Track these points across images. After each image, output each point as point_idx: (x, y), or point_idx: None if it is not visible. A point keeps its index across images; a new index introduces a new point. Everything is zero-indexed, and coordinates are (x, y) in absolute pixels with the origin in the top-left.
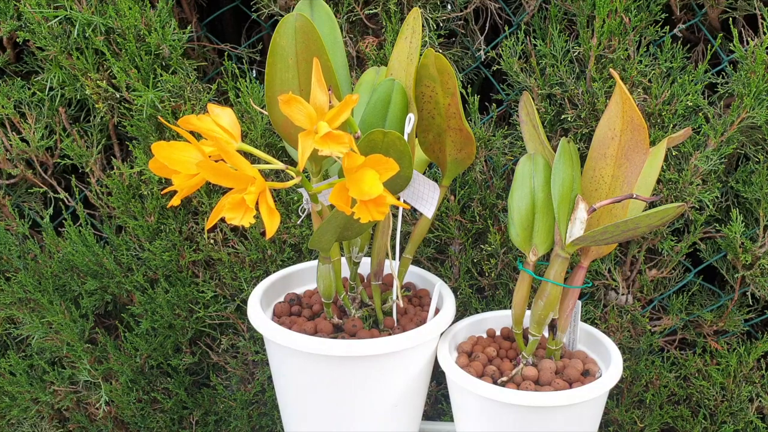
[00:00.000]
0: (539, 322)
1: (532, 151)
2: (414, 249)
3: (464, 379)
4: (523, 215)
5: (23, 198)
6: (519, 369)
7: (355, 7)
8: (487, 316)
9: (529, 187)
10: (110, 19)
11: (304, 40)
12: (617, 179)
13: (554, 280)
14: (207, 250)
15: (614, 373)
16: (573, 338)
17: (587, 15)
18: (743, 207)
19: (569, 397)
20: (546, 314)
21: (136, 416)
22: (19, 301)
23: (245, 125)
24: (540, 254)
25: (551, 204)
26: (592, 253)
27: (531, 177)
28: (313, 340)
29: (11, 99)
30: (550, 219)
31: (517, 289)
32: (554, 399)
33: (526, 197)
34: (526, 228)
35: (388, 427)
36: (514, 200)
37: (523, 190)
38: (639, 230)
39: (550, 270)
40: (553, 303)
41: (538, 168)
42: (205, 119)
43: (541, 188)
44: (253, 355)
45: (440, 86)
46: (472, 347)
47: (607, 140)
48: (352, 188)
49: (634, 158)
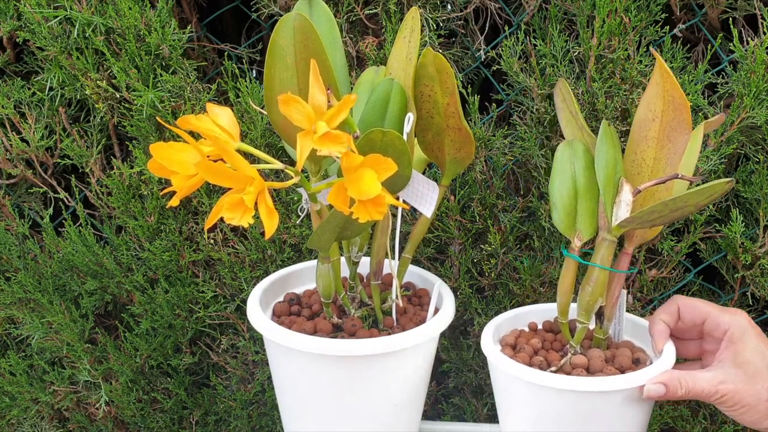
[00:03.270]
0: (587, 308)
1: (570, 137)
2: (413, 248)
3: (516, 368)
4: (565, 200)
5: (23, 198)
6: (567, 358)
7: (355, 7)
8: (529, 309)
9: (569, 172)
10: (110, 19)
11: (303, 39)
12: (659, 161)
13: (601, 264)
14: (207, 250)
15: (667, 360)
16: (619, 329)
17: (587, 15)
18: (743, 207)
19: (628, 381)
20: (594, 300)
21: (136, 416)
22: (19, 301)
23: (245, 125)
24: (585, 239)
25: (594, 188)
26: (637, 238)
27: (571, 162)
28: (312, 340)
29: (11, 99)
30: (593, 203)
31: (562, 278)
32: (614, 383)
33: (568, 182)
34: (569, 213)
35: (388, 427)
36: (555, 186)
37: (563, 175)
38: (687, 209)
39: (597, 254)
40: (601, 288)
41: (577, 154)
42: (203, 119)
43: (582, 173)
44: (253, 355)
45: (439, 85)
46: (516, 340)
47: (648, 122)
48: (351, 188)
49: (677, 139)
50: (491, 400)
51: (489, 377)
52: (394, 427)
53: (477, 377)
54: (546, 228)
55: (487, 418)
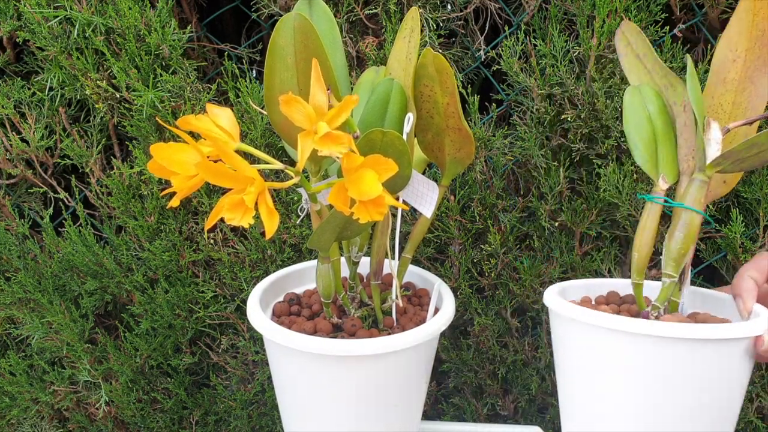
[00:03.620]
0: (678, 258)
1: (636, 83)
2: (413, 249)
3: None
4: (646, 141)
5: (23, 198)
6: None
7: (355, 7)
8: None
9: (644, 114)
10: (110, 19)
11: (303, 39)
12: (739, 106)
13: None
14: (207, 250)
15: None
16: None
17: (587, 15)
18: (743, 207)
19: (749, 329)
20: (687, 248)
21: (136, 416)
22: (19, 301)
23: (245, 125)
24: (670, 183)
25: (669, 132)
26: (711, 193)
27: (643, 106)
28: (312, 340)
29: (11, 99)
30: (671, 147)
31: (641, 228)
32: (734, 331)
33: (644, 124)
34: (651, 154)
35: (388, 427)
36: (631, 127)
37: (637, 116)
38: None
39: (686, 196)
40: (695, 234)
41: (648, 98)
42: (203, 119)
43: (657, 117)
44: (253, 355)
45: (439, 85)
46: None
47: (728, 63)
48: (351, 188)
49: (760, 81)
50: (491, 400)
51: (489, 377)
52: (394, 427)
53: (477, 377)
54: (546, 228)
55: (487, 418)
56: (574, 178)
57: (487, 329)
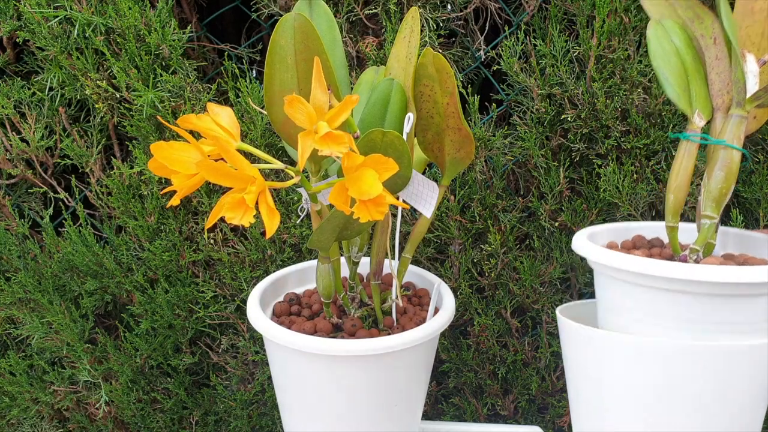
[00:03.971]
0: (719, 198)
1: (658, 17)
2: (413, 248)
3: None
4: (677, 75)
5: (23, 198)
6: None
7: (355, 7)
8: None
9: (671, 47)
10: (110, 19)
11: (303, 39)
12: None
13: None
14: (207, 250)
15: None
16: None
17: (587, 15)
18: (743, 207)
19: None
20: (728, 187)
21: (136, 416)
22: (19, 301)
23: (245, 125)
24: (706, 119)
25: (699, 68)
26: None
27: (669, 39)
28: (312, 340)
29: (11, 99)
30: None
31: (676, 168)
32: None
33: (673, 56)
34: (684, 89)
35: (388, 427)
36: (659, 60)
37: (664, 48)
38: None
39: (725, 133)
40: (736, 172)
41: (673, 31)
42: (204, 118)
43: (685, 50)
44: (253, 355)
45: (439, 85)
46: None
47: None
48: (352, 188)
49: None
50: (491, 400)
51: (489, 377)
52: (394, 427)
53: (477, 377)
54: (546, 228)
55: (487, 418)
56: (574, 178)
57: (487, 329)
